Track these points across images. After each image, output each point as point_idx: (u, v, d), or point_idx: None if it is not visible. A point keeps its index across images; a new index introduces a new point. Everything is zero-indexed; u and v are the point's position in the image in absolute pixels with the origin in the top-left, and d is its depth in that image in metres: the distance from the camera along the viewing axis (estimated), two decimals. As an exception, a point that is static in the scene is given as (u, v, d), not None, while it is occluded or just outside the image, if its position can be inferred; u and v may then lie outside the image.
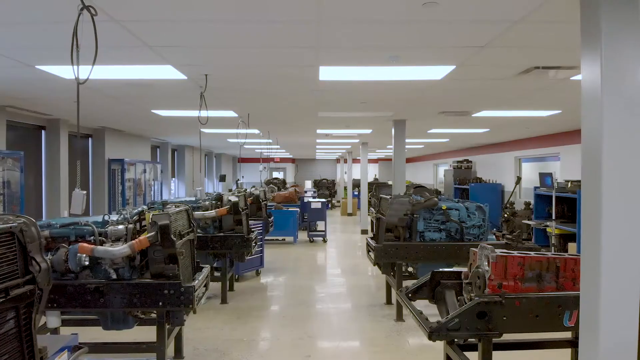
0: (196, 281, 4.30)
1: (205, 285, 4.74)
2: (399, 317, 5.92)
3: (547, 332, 3.63)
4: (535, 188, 10.19)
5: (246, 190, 9.60)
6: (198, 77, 4.72)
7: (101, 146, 10.20)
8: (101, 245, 4.07)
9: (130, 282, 4.02)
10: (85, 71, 2.83)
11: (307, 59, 4.10)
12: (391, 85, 5.24)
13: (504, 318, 3.38)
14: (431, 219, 5.92)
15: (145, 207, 4.46)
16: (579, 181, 8.49)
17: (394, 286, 6.21)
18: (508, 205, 12.44)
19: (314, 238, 12.88)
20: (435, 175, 23.22)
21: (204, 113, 5.41)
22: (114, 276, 4.10)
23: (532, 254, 3.86)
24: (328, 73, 4.58)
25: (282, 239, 12.58)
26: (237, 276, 7.96)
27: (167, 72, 4.48)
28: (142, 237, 4.00)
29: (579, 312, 3.57)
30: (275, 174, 29.19)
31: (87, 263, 3.99)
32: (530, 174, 13.50)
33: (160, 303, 3.99)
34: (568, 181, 9.11)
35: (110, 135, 10.47)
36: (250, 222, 8.13)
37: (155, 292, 3.98)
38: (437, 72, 4.57)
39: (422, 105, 6.71)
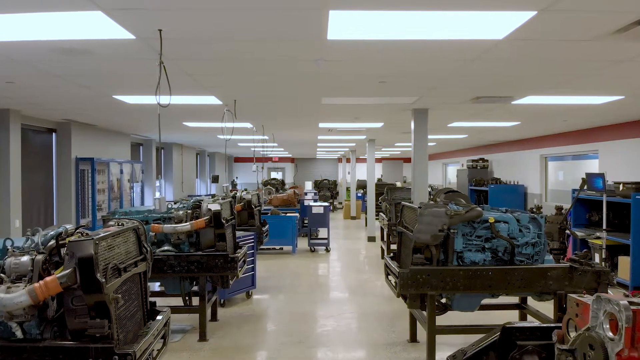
0: (144, 340, 2.86)
1: (164, 337, 3.30)
2: (431, 364, 4.48)
3: None
4: (574, 191, 8.75)
5: (235, 194, 8.15)
6: (150, 36, 3.24)
7: (67, 143, 8.71)
8: (-4, 286, 2.72)
9: (36, 346, 2.61)
10: None
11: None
12: (429, 48, 3.69)
13: None
14: (472, 235, 4.48)
15: (70, 226, 2.99)
16: (635, 183, 7.11)
17: (422, 322, 4.77)
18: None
19: (315, 247, 11.40)
20: (444, 175, 21.74)
21: (165, 98, 3.89)
22: (19, 334, 2.72)
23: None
24: (342, 25, 3.10)
25: (280, 248, 11.12)
26: (222, 301, 6.50)
27: (101, 26, 3.01)
28: (51, 277, 2.56)
29: None
30: (274, 174, 27.81)
31: (-23, 315, 2.66)
32: (553, 174, 12.14)
33: (83, 378, 2.59)
34: (618, 183, 7.67)
35: (79, 130, 8.99)
36: (240, 233, 6.71)
37: (74, 362, 2.58)
38: (504, 24, 3.09)
39: (457, 86, 5.23)
